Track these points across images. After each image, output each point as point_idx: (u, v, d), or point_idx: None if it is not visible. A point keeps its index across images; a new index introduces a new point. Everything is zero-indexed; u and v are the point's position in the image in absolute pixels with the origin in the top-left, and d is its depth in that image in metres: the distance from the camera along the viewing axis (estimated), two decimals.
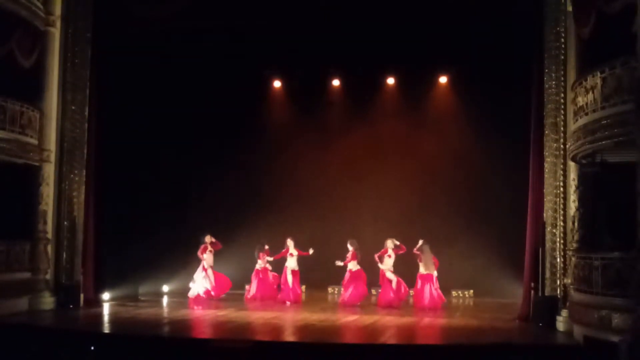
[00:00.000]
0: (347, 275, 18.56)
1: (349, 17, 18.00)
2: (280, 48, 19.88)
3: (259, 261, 19.49)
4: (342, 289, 18.86)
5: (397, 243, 18.27)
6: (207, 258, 19.21)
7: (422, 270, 18.08)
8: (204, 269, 19.16)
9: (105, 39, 17.79)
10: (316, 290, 20.94)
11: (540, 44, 15.32)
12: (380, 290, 18.49)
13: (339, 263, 18.51)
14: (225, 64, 20.67)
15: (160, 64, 19.70)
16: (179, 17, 17.45)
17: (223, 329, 14.57)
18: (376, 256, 18.15)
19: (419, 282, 18.04)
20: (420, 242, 18.17)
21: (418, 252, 18.05)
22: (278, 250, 19.29)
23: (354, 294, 18.27)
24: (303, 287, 20.27)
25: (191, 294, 19.18)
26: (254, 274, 19.46)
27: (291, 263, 18.86)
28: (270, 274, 19.61)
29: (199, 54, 20.16)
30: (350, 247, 18.60)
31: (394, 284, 17.82)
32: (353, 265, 18.50)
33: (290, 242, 19.00)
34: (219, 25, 18.43)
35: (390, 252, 18.12)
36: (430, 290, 17.86)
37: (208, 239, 19.29)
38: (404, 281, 18.20)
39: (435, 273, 18.00)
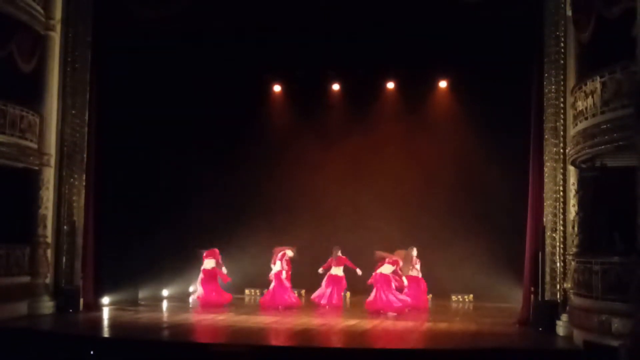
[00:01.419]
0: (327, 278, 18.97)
1: (349, 21, 18.02)
2: (280, 52, 19.91)
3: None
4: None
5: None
6: (207, 262, 19.07)
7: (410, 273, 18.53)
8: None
9: (105, 43, 17.79)
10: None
11: (539, 48, 15.33)
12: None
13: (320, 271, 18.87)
14: (226, 67, 20.68)
15: (161, 67, 19.72)
16: (179, 21, 17.47)
17: (223, 333, 14.57)
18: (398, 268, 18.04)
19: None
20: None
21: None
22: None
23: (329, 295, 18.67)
24: (302, 292, 20.25)
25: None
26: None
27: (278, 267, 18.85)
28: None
29: (199, 58, 20.19)
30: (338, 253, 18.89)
31: (387, 292, 17.70)
32: (337, 271, 18.86)
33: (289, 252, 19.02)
34: (219, 29, 18.47)
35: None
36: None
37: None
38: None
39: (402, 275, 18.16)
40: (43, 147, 17.00)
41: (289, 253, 18.88)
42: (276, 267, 18.73)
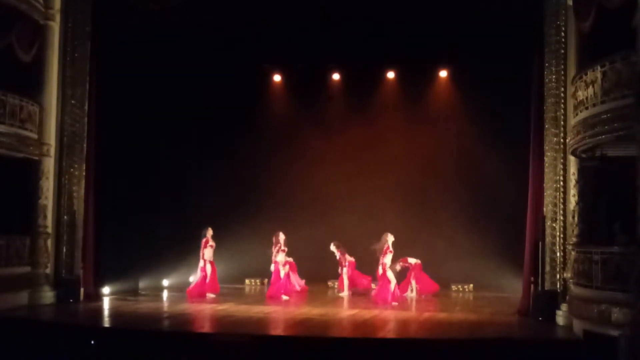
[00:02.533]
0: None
1: (349, 10, 17.97)
2: (280, 42, 19.82)
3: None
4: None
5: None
6: (207, 252, 19.05)
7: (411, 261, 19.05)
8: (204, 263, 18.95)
9: (105, 33, 17.74)
10: (316, 284, 20.91)
11: (540, 38, 15.31)
12: (377, 287, 18.35)
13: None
14: (226, 57, 20.61)
15: (160, 57, 19.65)
16: (179, 10, 17.43)
17: (223, 323, 14.59)
18: (381, 257, 17.89)
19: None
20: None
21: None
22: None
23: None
24: (303, 282, 20.26)
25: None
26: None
27: (281, 257, 18.79)
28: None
29: (199, 48, 20.11)
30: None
31: (392, 286, 17.64)
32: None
33: (281, 237, 18.96)
34: (219, 19, 18.40)
35: (390, 247, 17.95)
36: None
37: (209, 232, 19.06)
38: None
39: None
40: (43, 137, 16.99)
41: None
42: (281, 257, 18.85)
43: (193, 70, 20.64)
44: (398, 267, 18.29)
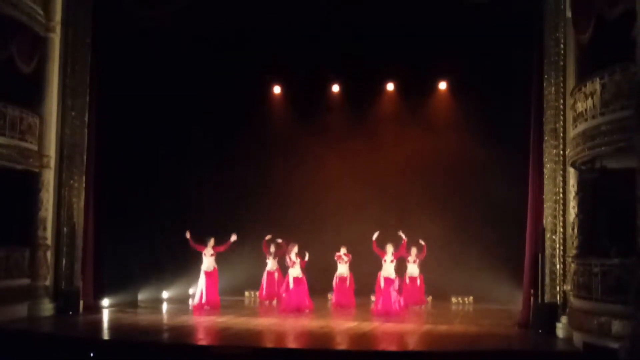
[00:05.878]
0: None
1: (349, 22, 18.05)
2: (280, 53, 19.91)
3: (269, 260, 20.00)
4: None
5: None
6: (204, 261, 18.79)
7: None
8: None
9: (105, 44, 17.79)
10: (316, 296, 20.85)
11: (539, 49, 15.32)
12: (376, 299, 18.34)
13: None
14: (226, 69, 20.69)
15: (160, 69, 19.70)
16: (179, 23, 17.49)
17: (223, 335, 14.55)
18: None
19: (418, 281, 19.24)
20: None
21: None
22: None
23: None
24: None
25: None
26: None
27: (294, 271, 18.49)
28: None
29: (199, 59, 20.18)
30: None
31: (393, 297, 17.61)
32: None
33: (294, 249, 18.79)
34: (219, 31, 18.49)
35: (390, 257, 17.90)
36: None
37: (211, 242, 18.90)
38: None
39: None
40: (43, 149, 16.99)
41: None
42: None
43: (193, 81, 20.70)
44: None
